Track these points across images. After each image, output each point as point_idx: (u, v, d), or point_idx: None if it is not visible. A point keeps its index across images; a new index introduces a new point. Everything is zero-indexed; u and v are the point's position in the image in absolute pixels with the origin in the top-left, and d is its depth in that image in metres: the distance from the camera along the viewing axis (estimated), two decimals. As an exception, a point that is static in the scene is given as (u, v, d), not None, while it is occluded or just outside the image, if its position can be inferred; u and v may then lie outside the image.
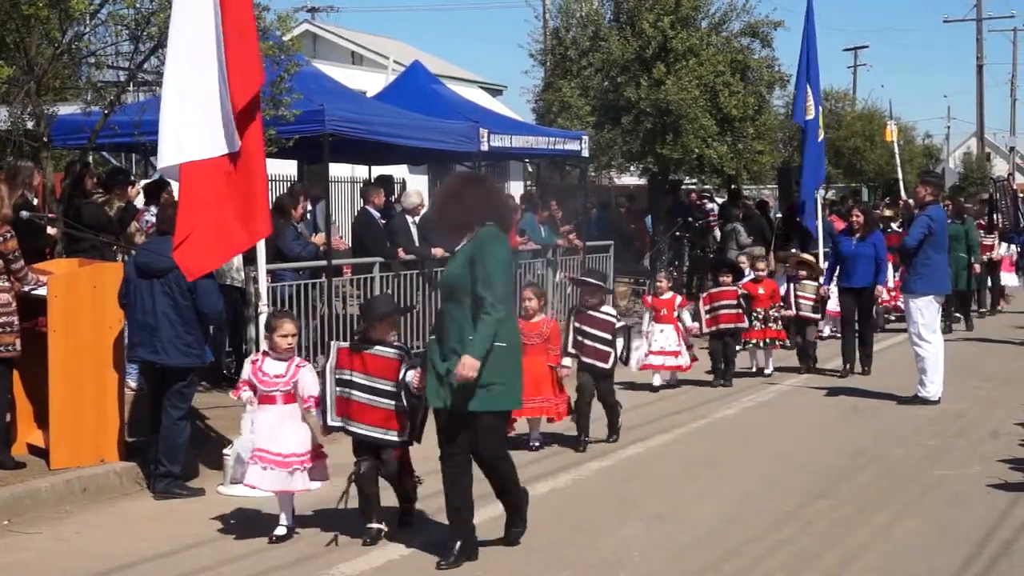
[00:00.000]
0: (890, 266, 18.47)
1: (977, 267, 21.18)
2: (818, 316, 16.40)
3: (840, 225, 19.20)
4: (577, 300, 12.96)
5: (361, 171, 22.33)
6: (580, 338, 11.39)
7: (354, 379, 8.27)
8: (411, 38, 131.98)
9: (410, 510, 8.76)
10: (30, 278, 9.87)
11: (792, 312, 15.97)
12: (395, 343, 8.50)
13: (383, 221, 16.16)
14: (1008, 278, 24.46)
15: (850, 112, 46.28)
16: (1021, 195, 27.48)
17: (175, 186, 10.29)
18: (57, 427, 9.79)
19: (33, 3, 11.22)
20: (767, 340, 15.74)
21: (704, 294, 15.93)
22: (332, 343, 8.71)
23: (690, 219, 25.84)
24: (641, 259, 24.31)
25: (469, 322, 7.47)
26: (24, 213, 10.89)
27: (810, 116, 18.80)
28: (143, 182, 15.59)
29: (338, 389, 8.33)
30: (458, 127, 17.17)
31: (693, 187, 30.47)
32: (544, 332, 11.14)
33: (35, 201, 11.87)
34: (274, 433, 8.44)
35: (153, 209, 13.71)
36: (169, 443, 9.65)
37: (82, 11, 11.67)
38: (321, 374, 8.49)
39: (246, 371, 8.73)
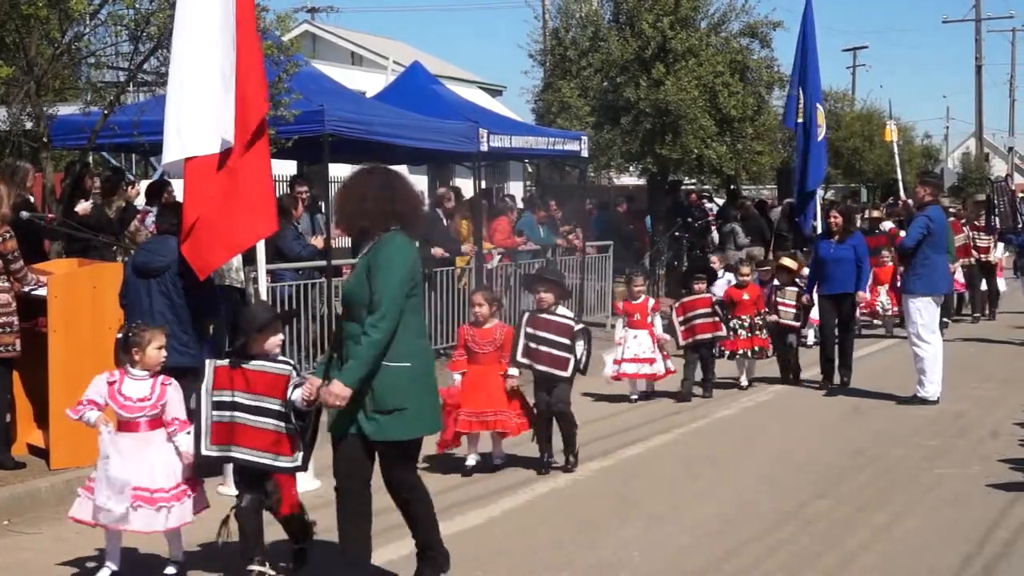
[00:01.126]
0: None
1: (952, 266, 19.39)
2: (799, 324, 15.37)
3: None
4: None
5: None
6: (533, 344, 10.27)
7: (236, 399, 7.23)
8: (411, 38, 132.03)
9: (303, 550, 7.83)
10: (30, 278, 9.88)
11: (774, 317, 15.02)
12: (280, 357, 7.47)
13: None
14: (1001, 283, 23.11)
15: (849, 112, 46.33)
16: (1020, 195, 27.50)
17: (177, 185, 10.31)
18: (57, 427, 9.79)
19: (33, 3, 11.23)
20: (755, 349, 14.77)
21: (677, 304, 14.60)
22: (208, 361, 7.59)
23: (689, 219, 25.86)
24: (640, 259, 24.29)
25: None
26: (24, 213, 10.90)
27: (801, 119, 18.76)
28: (144, 182, 15.60)
29: (215, 413, 7.26)
30: (458, 127, 17.17)
31: (692, 187, 30.50)
32: (497, 339, 10.33)
33: (32, 201, 11.87)
34: (139, 465, 7.42)
35: (155, 209, 13.72)
36: (168, 443, 9.64)
37: (82, 11, 11.68)
38: (196, 397, 7.39)
39: (99, 391, 7.62)
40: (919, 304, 13.40)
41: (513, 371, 10.32)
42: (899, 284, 14.91)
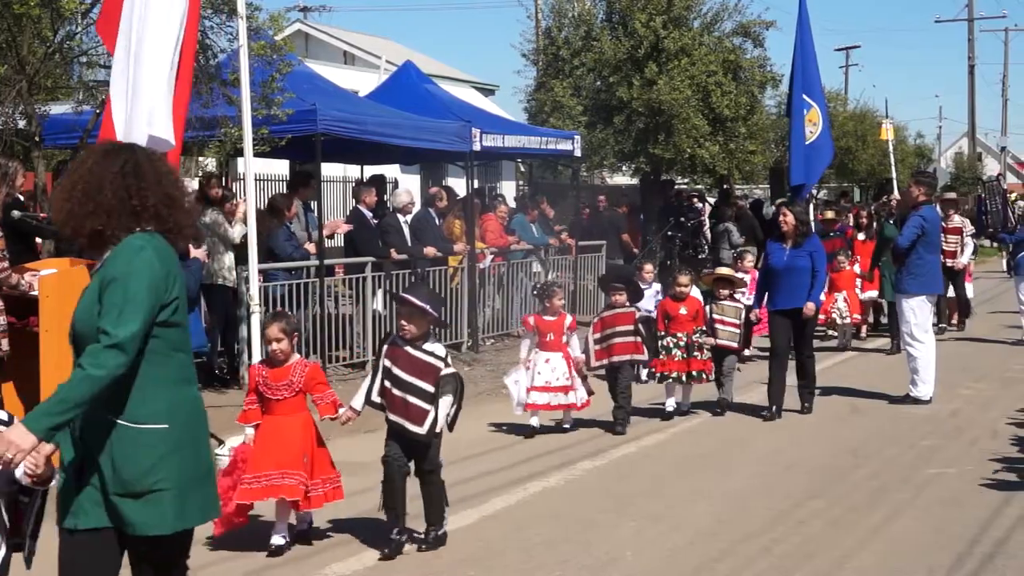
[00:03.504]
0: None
1: None
2: (738, 345, 13.28)
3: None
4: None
5: (353, 171, 22.34)
6: (388, 384, 8.01)
7: None
8: (403, 38, 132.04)
9: None
10: (13, 279, 9.84)
11: (713, 340, 12.96)
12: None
13: (375, 221, 16.16)
14: (972, 288, 21.40)
15: (842, 112, 46.32)
16: (1012, 195, 27.57)
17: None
18: (49, 427, 9.74)
19: (24, 2, 11.20)
20: (690, 373, 12.71)
21: (595, 319, 12.62)
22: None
23: (682, 219, 25.86)
24: (632, 259, 24.28)
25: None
26: (15, 213, 10.87)
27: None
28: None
29: None
30: (450, 127, 17.17)
31: (684, 186, 30.53)
32: (295, 382, 8.08)
33: (23, 200, 11.84)
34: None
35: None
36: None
37: (73, 10, 11.65)
38: None
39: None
40: (913, 304, 13.41)
41: (355, 403, 8.28)
42: (893, 284, 14.75)
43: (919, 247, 13.33)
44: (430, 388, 7.93)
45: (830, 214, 20.17)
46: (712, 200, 30.52)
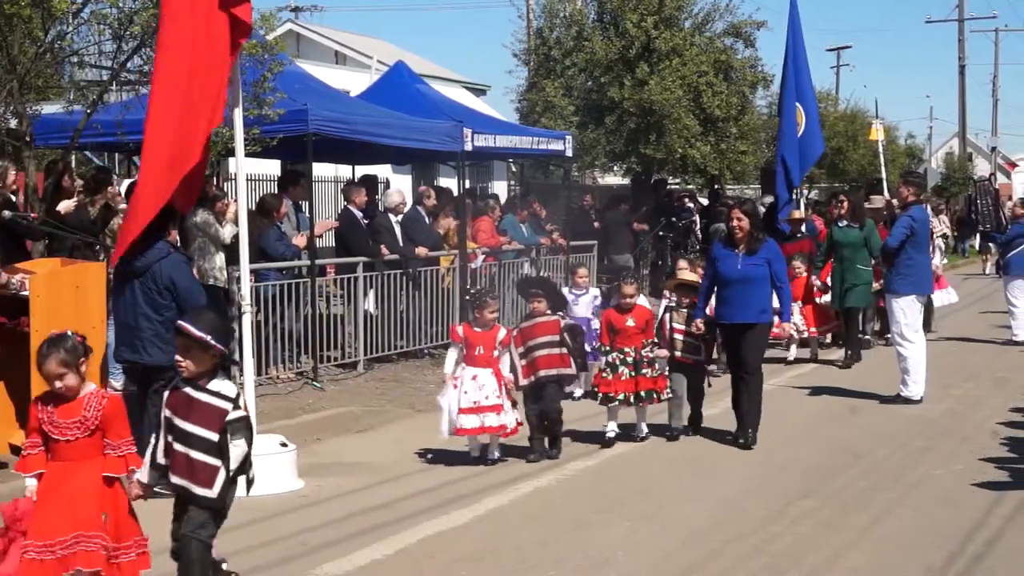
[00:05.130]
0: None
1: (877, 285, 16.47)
2: (700, 358, 11.81)
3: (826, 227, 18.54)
4: None
5: (345, 171, 22.33)
6: (170, 439, 6.53)
7: None
8: (395, 38, 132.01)
9: None
10: (3, 279, 9.84)
11: (666, 353, 11.60)
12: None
13: (366, 221, 16.15)
14: (945, 296, 19.56)
15: (833, 112, 46.40)
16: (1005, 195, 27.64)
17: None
18: (39, 428, 9.73)
19: (15, 2, 11.17)
20: (639, 394, 11.21)
21: (515, 331, 11.05)
22: None
23: (673, 219, 25.90)
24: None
25: None
26: (6, 213, 10.87)
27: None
28: (127, 181, 15.55)
29: None
30: (442, 127, 17.16)
31: (676, 186, 30.58)
32: (89, 418, 6.41)
33: (15, 200, 11.83)
34: None
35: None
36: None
37: (64, 10, 11.63)
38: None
39: None
40: (903, 304, 13.43)
41: (140, 474, 6.62)
42: (883, 284, 14.71)
43: (908, 247, 13.35)
44: (212, 437, 6.41)
45: (797, 213, 18.95)
46: (703, 200, 30.56)
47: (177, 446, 6.46)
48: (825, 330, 17.51)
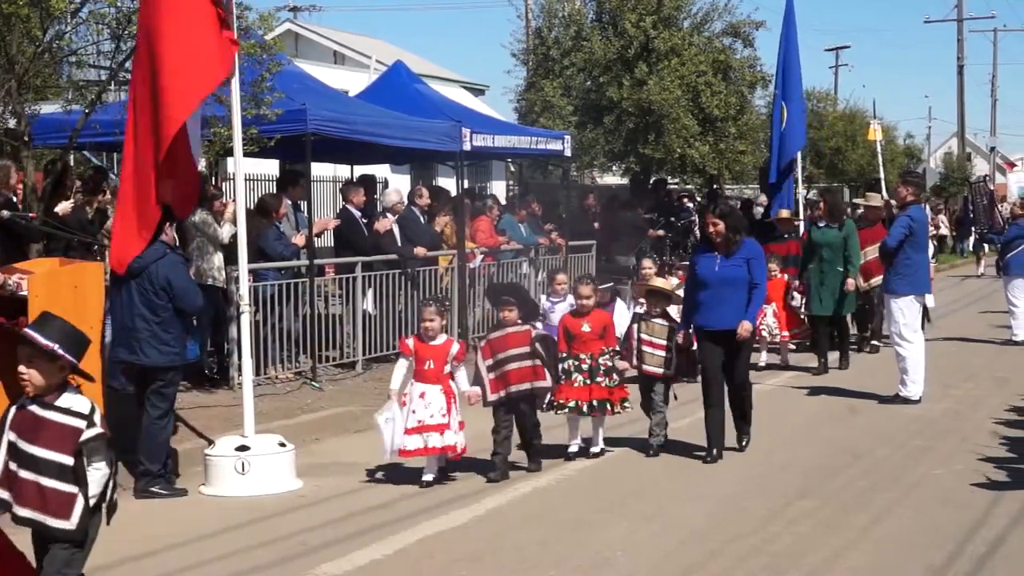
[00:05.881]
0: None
1: (850, 282, 15.92)
2: (669, 372, 11.04)
3: None
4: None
5: (343, 171, 22.32)
6: (14, 466, 5.83)
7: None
8: (393, 37, 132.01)
9: None
10: (0, 278, 9.82)
11: (627, 365, 10.92)
12: None
13: (364, 221, 16.13)
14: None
15: (832, 112, 46.42)
16: (999, 196, 27.64)
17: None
18: (38, 427, 9.73)
19: (13, 1, 11.16)
20: (593, 403, 10.50)
21: (482, 343, 10.55)
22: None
23: (672, 219, 25.91)
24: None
25: None
26: (5, 213, 10.85)
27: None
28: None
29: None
30: (440, 127, 17.15)
31: (675, 186, 30.60)
32: None
33: (16, 200, 11.82)
34: None
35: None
36: (149, 442, 9.64)
37: (63, 10, 11.62)
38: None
39: None
40: (901, 304, 13.43)
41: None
42: (882, 284, 14.66)
43: (907, 247, 13.35)
44: (70, 461, 5.75)
45: (785, 213, 18.28)
46: (702, 199, 30.56)
47: (24, 473, 5.74)
48: (797, 334, 16.75)
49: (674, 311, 11.62)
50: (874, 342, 17.79)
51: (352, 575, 7.61)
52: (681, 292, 11.54)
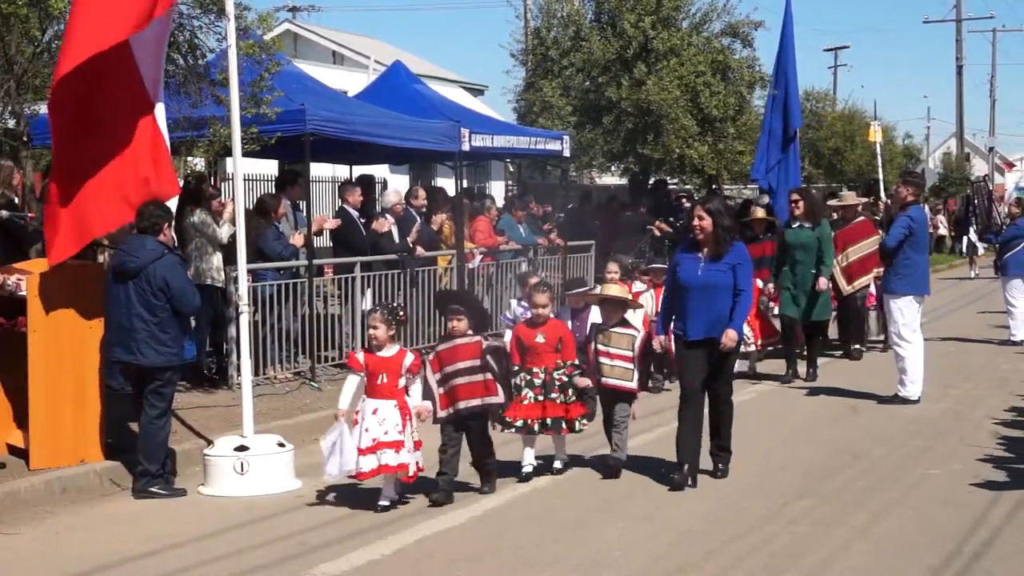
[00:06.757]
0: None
1: (822, 282, 15.21)
2: (633, 386, 10.21)
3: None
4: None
5: (342, 171, 22.32)
6: None
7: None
8: (392, 38, 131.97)
9: None
10: None
11: (588, 382, 10.02)
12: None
13: (362, 221, 16.13)
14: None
15: (831, 112, 46.42)
16: (997, 195, 27.63)
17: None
18: (37, 428, 9.75)
19: (12, 2, 11.16)
20: (547, 422, 9.83)
21: (430, 355, 9.66)
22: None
23: (671, 219, 25.89)
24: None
25: None
26: (3, 213, 10.86)
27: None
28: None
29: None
30: (439, 127, 17.15)
31: (674, 186, 30.60)
32: None
33: (17, 200, 11.82)
34: None
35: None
36: (147, 442, 9.64)
37: (62, 9, 11.60)
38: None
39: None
40: (900, 304, 13.43)
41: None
42: (881, 285, 14.61)
43: (907, 247, 13.35)
44: None
45: (760, 213, 17.16)
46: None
47: None
48: (769, 343, 15.74)
49: (638, 316, 11.12)
50: (857, 346, 17.21)
51: (349, 575, 7.61)
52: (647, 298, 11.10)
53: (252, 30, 12.99)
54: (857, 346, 17.23)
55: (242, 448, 9.85)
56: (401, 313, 9.36)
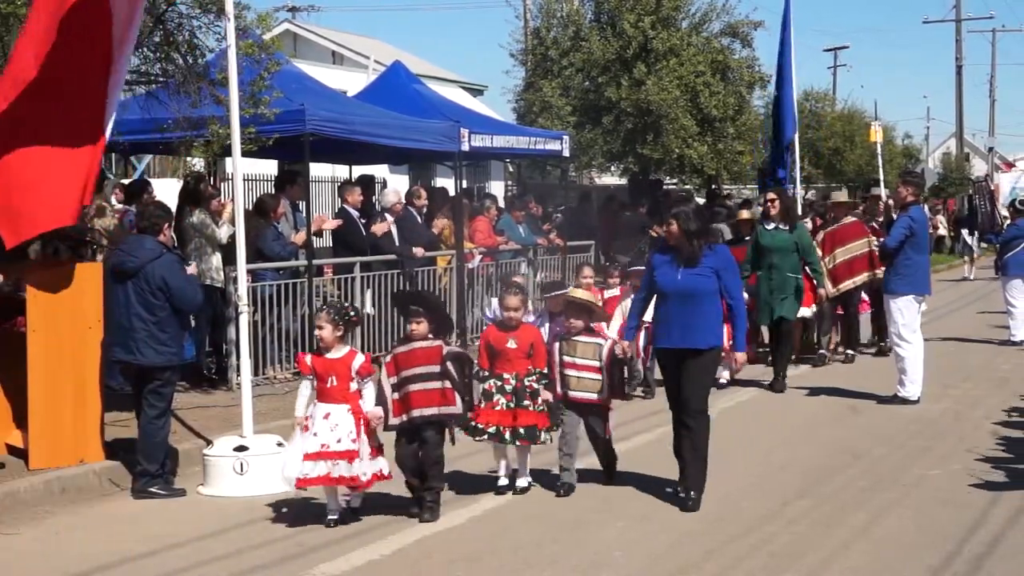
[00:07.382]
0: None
1: (822, 292, 15.25)
2: (602, 398, 9.54)
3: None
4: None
5: (342, 171, 22.32)
6: None
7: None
8: (392, 38, 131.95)
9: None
10: None
11: (550, 396, 9.40)
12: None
13: (363, 221, 16.13)
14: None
15: (830, 112, 46.45)
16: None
17: (156, 186, 10.37)
18: (36, 427, 9.75)
19: (11, 2, 11.15)
20: (516, 430, 9.24)
21: (387, 358, 9.15)
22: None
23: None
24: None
25: None
26: None
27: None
28: (123, 181, 15.57)
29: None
30: (439, 127, 17.15)
31: (673, 186, 30.60)
32: None
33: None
34: None
35: (134, 209, 13.70)
36: (147, 442, 9.63)
37: (61, 10, 11.60)
38: None
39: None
40: (900, 304, 13.42)
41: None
42: (882, 284, 14.50)
43: (907, 248, 13.35)
44: None
45: (745, 214, 16.85)
46: (700, 200, 30.59)
47: None
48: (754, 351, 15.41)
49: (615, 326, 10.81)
50: (848, 351, 16.88)
51: (349, 575, 7.60)
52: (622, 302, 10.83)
53: (251, 30, 12.98)
54: (848, 351, 16.90)
55: (241, 448, 9.84)
56: (352, 314, 9.01)
